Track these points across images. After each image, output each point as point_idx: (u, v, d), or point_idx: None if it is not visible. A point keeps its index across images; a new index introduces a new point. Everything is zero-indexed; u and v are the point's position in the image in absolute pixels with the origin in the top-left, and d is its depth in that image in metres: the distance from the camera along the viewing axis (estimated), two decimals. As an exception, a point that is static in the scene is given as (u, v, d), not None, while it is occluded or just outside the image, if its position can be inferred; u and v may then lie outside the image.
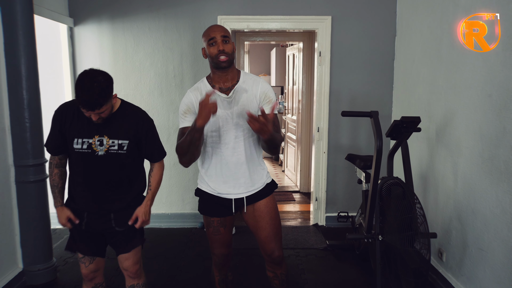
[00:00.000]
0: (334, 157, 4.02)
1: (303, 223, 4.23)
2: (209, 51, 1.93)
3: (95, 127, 1.91)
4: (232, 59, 1.96)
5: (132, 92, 3.91)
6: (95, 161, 1.93)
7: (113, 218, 2.03)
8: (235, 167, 2.03)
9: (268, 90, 2.04)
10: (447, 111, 2.82)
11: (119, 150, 1.94)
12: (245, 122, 1.97)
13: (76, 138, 1.92)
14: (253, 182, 2.08)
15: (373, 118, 2.73)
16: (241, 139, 2.01)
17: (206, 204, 2.13)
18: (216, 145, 2.02)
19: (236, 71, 2.04)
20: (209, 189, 2.09)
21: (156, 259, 3.35)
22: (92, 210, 2.01)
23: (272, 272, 2.19)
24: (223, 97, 1.98)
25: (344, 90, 3.93)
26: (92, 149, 1.91)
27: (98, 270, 2.14)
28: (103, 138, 1.92)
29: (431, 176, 3.06)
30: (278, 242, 2.12)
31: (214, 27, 1.96)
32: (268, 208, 2.10)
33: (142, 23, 3.84)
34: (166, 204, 4.09)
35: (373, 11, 3.82)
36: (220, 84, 2.00)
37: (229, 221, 2.14)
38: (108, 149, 1.92)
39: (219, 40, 1.91)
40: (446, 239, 2.81)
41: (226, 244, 2.16)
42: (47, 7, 3.36)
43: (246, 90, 2.00)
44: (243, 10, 3.82)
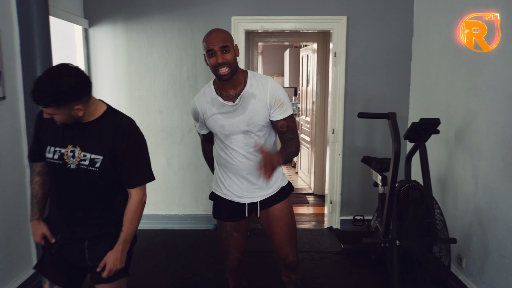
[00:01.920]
0: (349, 159, 3.95)
1: (317, 226, 4.18)
2: (209, 61, 1.85)
3: (70, 135, 1.62)
4: (234, 68, 1.85)
5: (146, 93, 3.91)
6: (66, 175, 1.62)
7: (87, 247, 1.68)
8: (247, 173, 1.98)
9: (277, 92, 1.92)
10: (467, 112, 2.74)
11: (90, 166, 1.60)
12: (256, 128, 1.93)
13: (49, 146, 1.64)
14: (267, 186, 2.03)
15: (391, 120, 2.66)
16: (251, 146, 1.94)
17: (219, 208, 2.10)
18: (227, 151, 1.98)
19: (242, 74, 1.94)
20: (222, 193, 2.06)
21: (169, 261, 3.33)
22: (65, 234, 1.70)
23: (287, 277, 2.15)
24: (228, 106, 1.91)
25: (360, 91, 3.87)
26: (64, 160, 1.61)
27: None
28: (75, 149, 1.61)
29: (450, 180, 2.98)
30: (292, 247, 2.08)
31: (213, 36, 1.83)
32: (283, 213, 2.05)
33: (156, 24, 3.84)
34: (179, 205, 4.08)
35: (389, 10, 3.76)
36: (226, 91, 1.92)
37: (243, 225, 2.10)
38: (79, 163, 1.60)
39: (218, 52, 1.80)
40: (466, 245, 2.73)
41: (240, 249, 2.13)
42: (63, 9, 3.38)
43: (254, 96, 1.90)
44: (257, 11, 3.79)
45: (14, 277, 2.72)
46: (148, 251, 3.50)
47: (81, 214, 1.67)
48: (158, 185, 4.04)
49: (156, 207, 4.08)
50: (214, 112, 1.93)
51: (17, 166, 2.76)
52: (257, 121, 1.91)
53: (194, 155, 3.97)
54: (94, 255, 1.69)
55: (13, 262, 2.71)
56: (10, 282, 2.67)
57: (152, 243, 3.68)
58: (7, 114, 2.65)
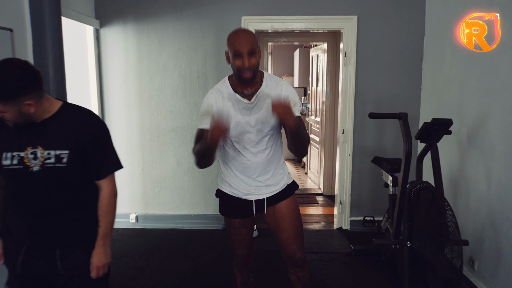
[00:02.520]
0: (359, 159, 3.93)
1: (326, 227, 4.16)
2: (234, 62, 1.83)
3: (27, 137, 1.52)
4: (256, 72, 1.87)
5: (156, 93, 3.93)
6: (29, 179, 1.51)
7: (59, 257, 1.56)
8: (256, 170, 2.00)
9: (291, 93, 1.96)
10: (479, 113, 2.70)
11: (57, 163, 1.52)
12: (268, 128, 1.94)
13: (4, 153, 1.52)
14: (274, 183, 2.06)
15: (402, 120, 2.64)
16: (263, 144, 1.98)
17: (227, 205, 2.12)
18: (236, 148, 1.99)
19: (259, 75, 1.96)
20: (229, 190, 2.08)
21: (179, 261, 3.34)
22: (32, 245, 1.56)
23: (295, 275, 2.16)
24: (245, 103, 1.93)
25: (370, 91, 3.84)
26: (25, 164, 1.51)
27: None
28: (37, 150, 1.51)
29: (462, 181, 2.94)
30: (299, 244, 2.09)
31: (241, 38, 1.80)
32: (289, 209, 2.07)
33: (167, 24, 3.85)
34: (188, 205, 4.09)
35: (401, 10, 3.72)
36: (242, 89, 1.94)
37: (250, 222, 2.14)
38: (43, 162, 1.51)
39: (245, 55, 1.79)
40: (478, 247, 2.69)
41: (247, 245, 2.17)
42: (74, 9, 3.41)
43: (269, 95, 1.93)
44: (267, 11, 3.78)
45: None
46: (158, 251, 3.51)
47: (50, 219, 1.55)
48: (168, 185, 4.05)
49: (165, 206, 4.09)
50: (229, 106, 1.93)
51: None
52: (270, 120, 1.94)
53: (204, 155, 3.97)
54: (68, 264, 1.57)
55: None
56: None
57: (161, 243, 3.70)
58: (19, 114, 2.68)
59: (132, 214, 4.07)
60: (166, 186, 4.06)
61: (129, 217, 4.06)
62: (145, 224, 4.08)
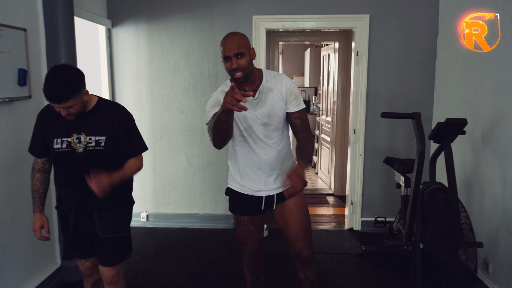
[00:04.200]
0: (370, 159, 3.89)
1: (337, 227, 4.13)
2: (225, 65, 1.93)
3: (73, 125, 1.91)
4: (248, 72, 1.93)
5: (167, 92, 3.94)
6: (75, 159, 1.92)
7: (96, 219, 2.00)
8: (265, 166, 2.03)
9: (292, 86, 2.04)
10: (495, 113, 2.66)
11: (96, 146, 1.92)
12: (276, 121, 2.00)
13: (55, 138, 1.92)
14: (283, 179, 2.04)
15: (415, 120, 2.60)
16: (271, 139, 2.02)
17: (236, 203, 2.15)
18: (245, 144, 2.02)
19: (257, 73, 2.02)
20: (239, 187, 2.10)
21: (189, 260, 3.35)
22: (77, 210, 2.00)
23: (303, 273, 2.17)
24: (249, 99, 1.97)
25: (382, 90, 3.80)
26: (72, 147, 1.91)
27: (94, 267, 2.13)
28: (80, 136, 1.92)
29: (476, 182, 2.89)
30: (307, 241, 2.10)
31: (228, 42, 1.90)
32: (297, 206, 2.09)
33: (178, 24, 3.86)
34: (199, 204, 4.09)
35: (413, 8, 3.68)
36: (244, 87, 1.99)
37: (260, 219, 2.15)
38: (86, 146, 1.91)
39: (233, 58, 1.88)
40: (493, 249, 2.64)
41: (257, 243, 2.17)
42: (87, 9, 3.44)
43: (271, 90, 2.00)
44: (278, 10, 3.76)
45: (38, 272, 2.78)
46: (168, 250, 3.52)
47: (91, 190, 1.83)
48: (179, 184, 4.06)
49: (176, 205, 4.11)
50: None
51: (42, 164, 2.81)
52: (277, 112, 2.00)
53: (215, 155, 3.98)
54: (103, 226, 2.00)
55: (37, 258, 2.77)
56: (34, 278, 2.73)
57: (172, 242, 3.71)
58: (32, 113, 2.70)
59: (143, 213, 4.09)
60: (176, 185, 4.07)
61: (140, 216, 4.08)
62: (156, 223, 4.09)
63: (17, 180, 2.56)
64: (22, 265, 2.62)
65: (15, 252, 2.55)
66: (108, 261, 2.03)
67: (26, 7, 2.63)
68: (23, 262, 2.63)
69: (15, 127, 2.54)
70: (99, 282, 2.18)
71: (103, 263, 2.04)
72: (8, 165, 2.49)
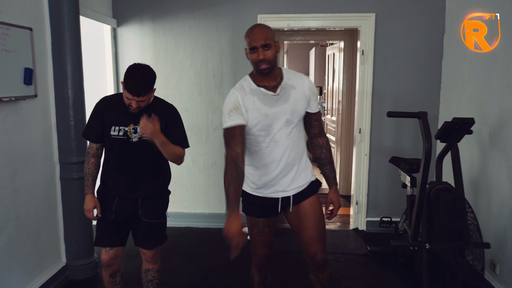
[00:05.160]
0: (376, 159, 3.87)
1: (342, 227, 4.11)
2: (251, 56, 1.91)
3: (131, 116, 2.09)
4: (273, 65, 1.92)
5: (172, 91, 3.94)
6: (129, 147, 2.11)
7: (140, 205, 2.18)
8: (284, 165, 1.99)
9: (313, 85, 2.06)
10: (502, 112, 2.63)
11: None
12: (296, 119, 1.99)
13: (113, 126, 2.10)
14: (300, 180, 2.05)
15: (422, 119, 2.59)
16: (291, 136, 1.99)
17: (252, 205, 2.10)
18: (266, 144, 1.97)
19: (278, 69, 2.01)
20: (255, 189, 2.06)
21: (194, 259, 3.34)
22: (123, 195, 2.17)
23: (315, 276, 2.13)
24: (270, 95, 1.95)
25: (388, 90, 3.78)
26: (127, 136, 2.10)
27: (117, 258, 2.26)
28: (137, 127, 2.09)
29: (483, 182, 2.86)
30: (321, 244, 2.06)
31: (256, 33, 1.89)
32: (313, 208, 2.05)
33: (183, 23, 3.86)
34: (203, 204, 4.09)
35: (420, 7, 3.65)
36: (265, 83, 1.98)
37: (273, 221, 2.12)
38: (141, 136, 2.09)
39: (260, 48, 1.87)
40: (500, 250, 2.62)
41: (269, 245, 2.15)
42: (92, 9, 3.44)
43: (293, 87, 1.98)
44: (284, 9, 3.75)
45: (44, 271, 2.79)
46: (173, 249, 3.52)
47: (140, 177, 2.15)
48: (183, 183, 4.06)
49: (181, 205, 4.11)
50: (255, 101, 1.95)
51: (47, 163, 2.82)
52: (299, 110, 1.99)
53: (219, 154, 3.98)
54: (146, 211, 2.19)
55: (42, 257, 2.77)
56: (39, 276, 2.74)
57: (177, 241, 3.71)
58: (38, 112, 2.72)
59: (147, 212, 4.09)
60: (181, 185, 4.07)
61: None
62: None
63: (23, 179, 2.57)
64: (27, 263, 2.63)
65: (21, 251, 2.56)
66: (148, 245, 2.24)
67: (32, 6, 2.64)
68: (29, 260, 2.64)
69: (21, 126, 2.55)
70: (117, 273, 2.31)
71: (144, 247, 2.25)
72: (14, 164, 2.49)
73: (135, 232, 2.26)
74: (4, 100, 2.35)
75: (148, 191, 2.19)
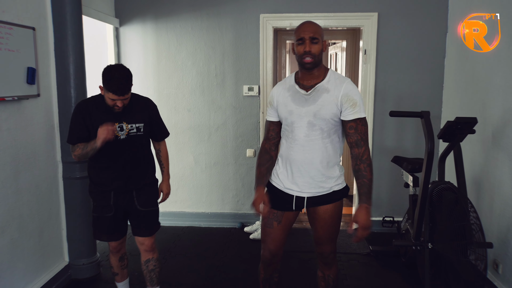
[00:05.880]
0: (378, 159, 3.86)
1: (344, 227, 4.10)
2: (297, 49, 1.93)
3: (114, 116, 2.19)
4: (318, 60, 1.93)
5: (174, 91, 3.95)
6: (118, 144, 2.21)
7: (135, 196, 2.31)
8: (302, 165, 1.99)
9: (351, 91, 1.93)
10: (505, 111, 2.62)
11: (137, 132, 2.26)
12: (321, 122, 1.93)
13: (100, 128, 2.14)
14: (319, 186, 2.00)
15: (424, 119, 2.58)
16: (313, 139, 1.96)
17: (269, 193, 2.08)
18: (289, 139, 2.02)
19: (323, 69, 2.00)
20: (274, 181, 2.10)
21: (195, 259, 3.35)
22: (119, 189, 2.28)
23: (321, 272, 2.18)
24: (301, 93, 1.98)
25: (390, 89, 3.77)
26: (115, 135, 2.17)
27: (123, 242, 2.47)
28: (122, 124, 2.21)
29: (486, 182, 2.86)
30: (328, 245, 2.11)
31: (305, 26, 1.93)
32: (327, 215, 2.03)
33: (185, 23, 3.86)
34: (205, 203, 4.10)
35: (423, 6, 3.64)
36: (304, 82, 2.00)
37: (286, 218, 2.08)
38: (128, 132, 2.22)
39: (307, 40, 1.89)
40: (503, 250, 2.61)
41: (276, 242, 2.09)
42: (95, 8, 3.45)
43: (327, 90, 1.94)
44: (286, 8, 3.75)
45: (46, 270, 2.80)
46: (175, 248, 3.53)
47: (132, 170, 2.28)
48: (185, 183, 4.07)
49: (183, 204, 4.11)
50: (287, 97, 2.01)
51: (50, 162, 2.83)
52: (324, 114, 1.93)
53: (221, 154, 3.98)
54: (141, 201, 2.34)
55: (45, 256, 2.78)
56: (42, 275, 2.75)
57: (179, 240, 3.71)
58: (41, 112, 2.72)
59: (150, 211, 4.09)
60: (183, 184, 4.07)
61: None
62: (163, 222, 4.05)
63: (25, 178, 2.58)
64: (30, 262, 2.63)
65: (23, 250, 2.57)
66: (147, 232, 2.39)
67: (34, 6, 2.64)
68: (32, 259, 2.65)
69: (23, 125, 2.55)
70: (124, 257, 2.52)
71: (143, 234, 2.38)
72: (17, 163, 2.50)
73: (132, 222, 2.39)
74: (7, 99, 2.36)
75: (141, 181, 2.33)
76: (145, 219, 2.37)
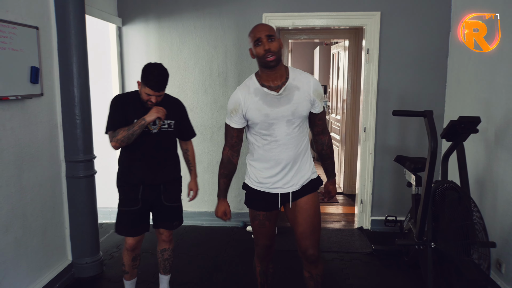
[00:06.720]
0: (381, 158, 3.86)
1: (346, 226, 4.11)
2: (256, 51, 1.94)
3: (148, 111, 2.29)
4: (279, 57, 1.96)
5: (177, 90, 3.95)
6: (150, 138, 2.33)
7: (162, 190, 2.42)
8: (284, 163, 2.03)
9: (318, 86, 2.06)
10: (508, 111, 2.62)
11: (168, 128, 2.38)
12: (299, 120, 2.01)
13: (135, 120, 2.28)
14: (300, 177, 2.08)
15: (427, 118, 2.57)
16: (293, 136, 2.02)
17: (253, 199, 2.15)
18: (266, 141, 2.02)
19: (284, 68, 2.03)
20: (256, 185, 2.11)
21: (198, 258, 3.35)
22: (147, 182, 2.38)
23: (308, 272, 2.18)
24: (273, 95, 1.98)
25: (393, 88, 3.77)
26: (148, 128, 2.31)
27: (141, 241, 2.50)
28: (155, 119, 2.32)
29: (489, 181, 2.85)
30: (313, 240, 2.10)
31: (259, 27, 1.97)
32: (308, 205, 2.09)
33: (188, 22, 3.87)
34: (208, 202, 4.10)
35: (425, 5, 3.63)
36: (269, 83, 2.00)
37: (274, 215, 2.17)
38: (160, 127, 2.35)
39: (265, 39, 1.91)
40: (506, 249, 2.60)
41: (269, 236, 2.20)
42: (98, 8, 3.45)
43: (298, 88, 2.00)
44: (288, 7, 3.75)
45: (50, 269, 2.81)
46: (178, 247, 3.53)
47: (161, 165, 2.40)
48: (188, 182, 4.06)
49: (185, 203, 4.06)
50: (257, 101, 1.99)
51: (53, 161, 2.84)
52: (301, 111, 2.01)
53: (224, 153, 3.98)
54: (167, 196, 2.46)
55: (48, 255, 2.79)
56: (45, 274, 2.76)
57: (181, 239, 3.72)
58: (44, 111, 2.73)
59: (152, 210, 4.10)
60: (186, 183, 4.06)
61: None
62: (165, 221, 4.10)
63: (29, 177, 2.59)
64: (34, 261, 2.64)
65: (27, 248, 2.58)
66: (170, 226, 2.52)
67: (38, 5, 2.65)
68: (35, 258, 2.66)
69: (27, 125, 2.56)
70: (138, 257, 2.54)
71: (166, 227, 2.51)
72: (21, 162, 2.51)
73: (156, 216, 2.49)
74: (10, 98, 2.37)
75: (170, 176, 2.45)
76: (169, 213, 2.48)
